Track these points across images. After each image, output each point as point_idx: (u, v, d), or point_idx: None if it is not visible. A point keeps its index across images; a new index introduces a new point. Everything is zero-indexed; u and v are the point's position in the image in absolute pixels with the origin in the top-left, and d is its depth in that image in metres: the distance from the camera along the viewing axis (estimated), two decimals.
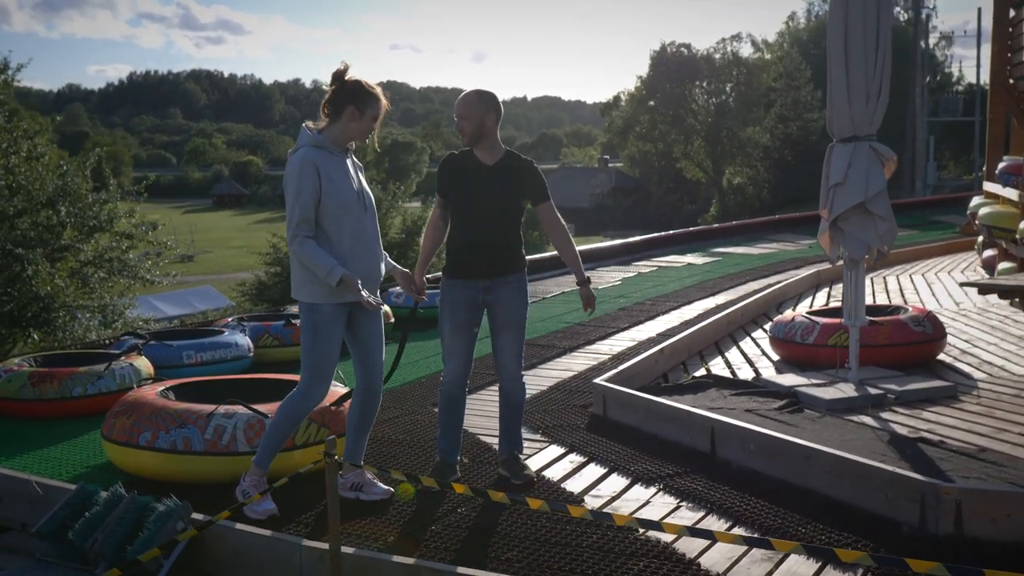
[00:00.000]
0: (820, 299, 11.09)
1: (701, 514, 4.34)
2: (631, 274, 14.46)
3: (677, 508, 4.42)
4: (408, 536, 4.07)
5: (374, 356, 4.63)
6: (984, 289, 7.83)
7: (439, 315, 4.82)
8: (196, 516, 3.83)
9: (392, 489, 4.71)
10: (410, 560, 3.61)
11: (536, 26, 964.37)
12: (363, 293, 4.22)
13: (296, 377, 4.80)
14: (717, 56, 51.58)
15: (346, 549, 3.50)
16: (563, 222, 4.91)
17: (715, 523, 4.22)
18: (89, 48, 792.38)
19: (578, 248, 5.04)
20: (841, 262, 6.63)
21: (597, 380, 6.27)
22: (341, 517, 4.02)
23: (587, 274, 4.96)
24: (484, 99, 4.67)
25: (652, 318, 10.18)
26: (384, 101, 4.48)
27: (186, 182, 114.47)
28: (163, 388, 5.28)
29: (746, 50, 52.45)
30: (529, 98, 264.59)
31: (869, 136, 6.32)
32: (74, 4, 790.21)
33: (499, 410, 4.96)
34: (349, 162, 4.46)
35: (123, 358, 6.48)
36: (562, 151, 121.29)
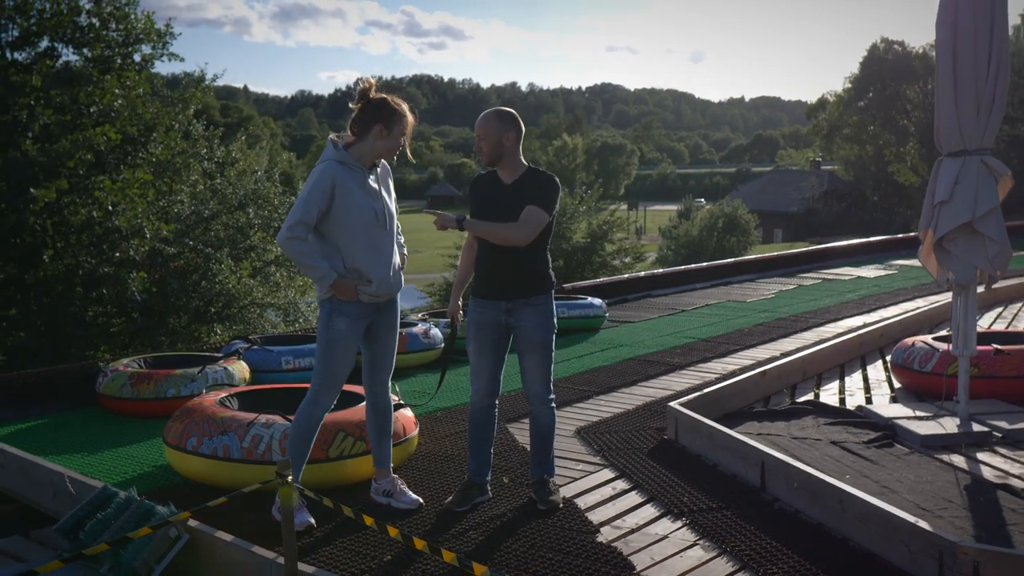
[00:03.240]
0: (986, 320, 10.25)
1: (712, 555, 4.10)
2: (790, 287, 13.84)
3: (690, 547, 4.19)
4: (401, 559, 4.07)
5: (383, 372, 4.67)
6: None
7: (466, 335, 4.80)
8: (193, 524, 3.97)
9: (421, 500, 4.75)
10: None
11: (757, 24, 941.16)
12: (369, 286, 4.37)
13: (361, 389, 4.92)
14: (934, 54, 48.34)
15: (305, 567, 3.54)
16: (525, 224, 4.53)
17: (720, 566, 3.98)
18: (321, 55, 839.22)
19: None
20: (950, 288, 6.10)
21: (672, 403, 6.05)
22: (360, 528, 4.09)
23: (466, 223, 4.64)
24: (502, 118, 4.61)
25: (787, 335, 9.71)
26: (410, 117, 4.51)
27: (403, 183, 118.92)
28: (225, 395, 5.51)
29: None
30: (747, 98, 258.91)
31: (981, 150, 5.79)
32: (308, 14, 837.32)
33: (529, 433, 4.88)
34: (373, 179, 4.51)
35: (221, 362, 6.80)
36: (778, 153, 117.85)
